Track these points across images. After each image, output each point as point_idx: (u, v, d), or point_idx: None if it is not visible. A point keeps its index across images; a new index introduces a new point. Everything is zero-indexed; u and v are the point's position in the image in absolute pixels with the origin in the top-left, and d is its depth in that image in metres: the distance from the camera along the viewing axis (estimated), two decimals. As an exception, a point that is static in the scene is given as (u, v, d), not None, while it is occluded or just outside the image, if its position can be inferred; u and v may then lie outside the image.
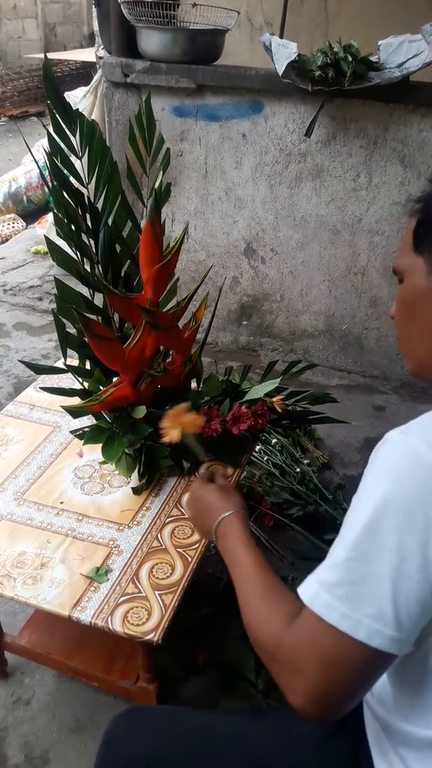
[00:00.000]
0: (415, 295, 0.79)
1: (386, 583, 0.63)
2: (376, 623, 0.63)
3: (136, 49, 2.52)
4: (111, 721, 0.98)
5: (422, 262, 0.77)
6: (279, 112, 2.44)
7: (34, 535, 1.18)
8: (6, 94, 8.32)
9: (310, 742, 0.88)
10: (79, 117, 1.15)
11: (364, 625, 0.64)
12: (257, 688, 1.49)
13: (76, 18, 10.29)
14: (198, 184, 2.71)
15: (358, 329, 2.77)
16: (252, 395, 1.35)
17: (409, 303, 0.81)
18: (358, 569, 0.65)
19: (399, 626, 0.63)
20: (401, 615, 0.63)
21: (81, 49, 9.36)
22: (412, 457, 0.63)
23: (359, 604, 0.64)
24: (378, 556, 0.63)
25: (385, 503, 0.64)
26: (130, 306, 1.16)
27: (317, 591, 0.67)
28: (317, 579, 0.68)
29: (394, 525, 0.63)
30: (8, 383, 2.71)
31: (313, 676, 0.68)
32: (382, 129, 2.34)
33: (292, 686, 0.71)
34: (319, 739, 0.88)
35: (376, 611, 0.63)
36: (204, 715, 1.01)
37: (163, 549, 1.15)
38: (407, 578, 0.62)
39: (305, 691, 0.69)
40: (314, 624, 0.67)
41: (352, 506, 0.68)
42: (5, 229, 4.37)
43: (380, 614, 0.63)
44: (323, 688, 0.68)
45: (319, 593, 0.67)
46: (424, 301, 0.77)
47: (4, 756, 1.38)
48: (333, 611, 0.65)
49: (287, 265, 2.75)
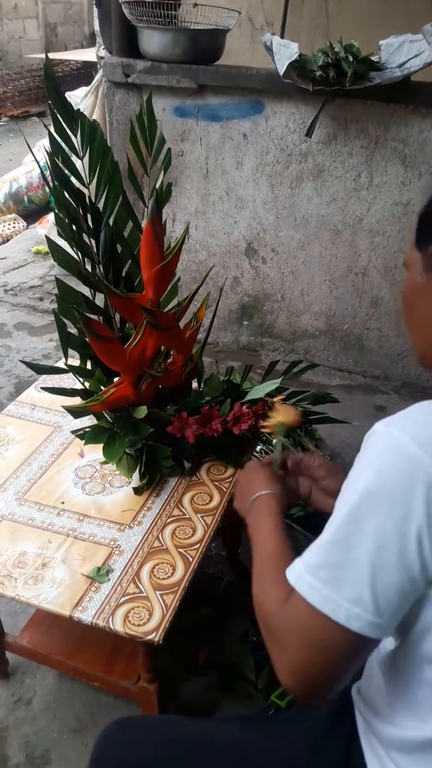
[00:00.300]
0: (412, 289, 0.82)
1: (365, 569, 0.65)
2: (355, 607, 0.65)
3: (137, 49, 2.52)
4: (102, 731, 0.97)
5: (420, 257, 0.80)
6: (280, 112, 2.44)
7: (35, 535, 1.18)
8: (7, 94, 8.32)
9: (304, 746, 0.88)
10: (80, 117, 1.16)
11: (343, 608, 0.65)
12: (257, 687, 1.49)
13: (77, 18, 10.29)
14: (199, 184, 2.71)
15: (359, 329, 2.77)
16: (253, 395, 1.35)
17: (407, 296, 0.84)
18: (339, 553, 0.67)
19: (378, 611, 0.65)
20: (380, 601, 0.65)
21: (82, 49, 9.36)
22: (395, 448, 0.65)
23: (340, 587, 0.66)
24: (359, 541, 0.65)
25: (368, 492, 0.66)
26: (131, 306, 1.16)
27: (302, 572, 0.70)
28: (303, 561, 0.70)
29: (375, 513, 0.65)
30: (9, 383, 2.71)
31: (294, 653, 0.70)
32: (383, 129, 2.34)
33: (279, 662, 0.73)
34: (313, 742, 0.88)
35: (356, 595, 0.65)
36: (196, 723, 1.01)
37: (164, 549, 1.15)
38: (385, 565, 0.64)
39: (289, 668, 0.71)
40: (299, 604, 0.69)
41: (341, 492, 0.70)
42: (6, 229, 4.38)
43: (359, 599, 0.65)
44: (305, 667, 0.70)
45: (304, 575, 0.69)
46: (419, 295, 0.80)
47: (5, 756, 1.38)
48: (316, 593, 0.67)
49: (288, 265, 2.75)
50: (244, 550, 1.76)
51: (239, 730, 0.95)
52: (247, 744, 0.91)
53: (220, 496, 1.27)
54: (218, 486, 1.30)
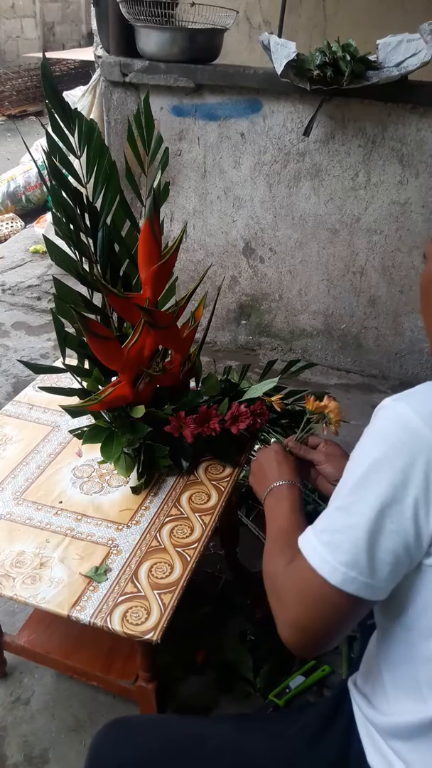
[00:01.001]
0: (430, 280, 0.82)
1: (363, 535, 0.69)
2: (351, 571, 0.69)
3: (135, 49, 2.52)
4: (98, 731, 0.97)
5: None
6: (277, 112, 2.44)
7: (33, 535, 1.18)
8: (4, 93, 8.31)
9: (301, 742, 0.88)
10: (77, 116, 1.15)
11: (339, 571, 0.70)
12: (255, 686, 1.49)
13: (74, 17, 10.28)
14: (197, 183, 2.71)
15: (357, 328, 2.77)
16: (251, 394, 1.35)
17: (424, 287, 0.84)
18: (341, 519, 0.71)
19: (373, 574, 0.69)
20: (376, 564, 0.69)
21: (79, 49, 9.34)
22: (400, 420, 0.68)
23: (338, 551, 0.70)
24: (359, 508, 0.69)
25: (373, 462, 0.69)
26: (129, 305, 1.16)
27: (309, 536, 0.75)
28: (312, 526, 0.76)
29: (377, 481, 0.68)
30: (7, 383, 2.71)
31: (294, 609, 0.76)
32: (381, 128, 2.34)
33: (280, 618, 0.78)
34: (310, 737, 0.88)
35: (352, 559, 0.69)
36: (192, 724, 1.01)
37: (162, 548, 1.15)
38: (383, 531, 0.68)
39: (288, 623, 0.76)
40: (303, 564, 0.74)
41: (348, 464, 0.74)
42: (4, 229, 4.37)
43: (356, 562, 0.69)
44: (303, 622, 0.75)
45: (310, 538, 0.74)
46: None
47: (4, 755, 1.38)
48: (316, 555, 0.72)
49: (286, 264, 2.75)
50: (242, 549, 1.76)
51: (235, 728, 0.95)
52: (243, 742, 0.91)
53: (218, 496, 1.27)
54: (216, 485, 1.30)
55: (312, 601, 0.73)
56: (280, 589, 0.79)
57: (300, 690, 1.47)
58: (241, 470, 1.37)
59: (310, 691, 1.49)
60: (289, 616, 0.76)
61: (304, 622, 0.75)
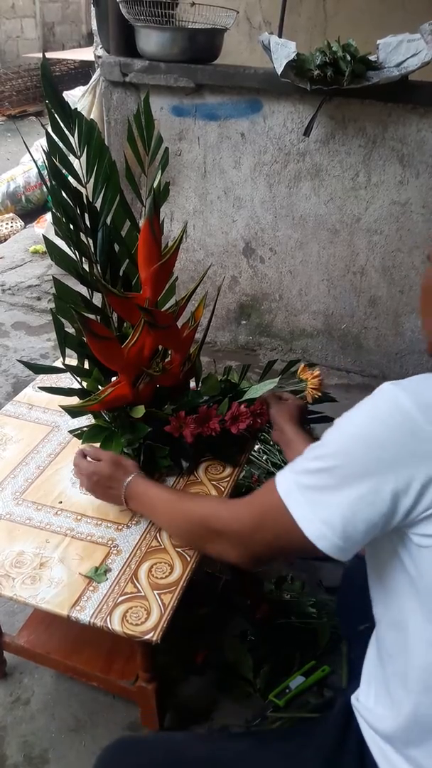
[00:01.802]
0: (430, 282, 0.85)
1: (343, 500, 0.74)
2: (326, 528, 0.75)
3: (135, 49, 2.52)
4: (103, 750, 0.95)
5: None
6: (278, 112, 2.44)
7: (33, 535, 1.18)
8: (4, 93, 8.31)
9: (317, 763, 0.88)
10: (77, 116, 1.15)
11: (315, 526, 0.76)
12: (255, 687, 1.49)
13: (74, 17, 10.28)
14: (197, 183, 2.71)
15: (357, 329, 2.77)
16: (251, 394, 1.35)
17: (425, 288, 0.87)
18: (325, 480, 0.76)
19: (345, 537, 0.75)
20: (348, 528, 0.74)
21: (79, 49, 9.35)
22: (393, 402, 0.72)
23: (318, 508, 0.76)
24: (343, 474, 0.74)
25: (361, 433, 0.74)
26: (129, 305, 1.16)
27: (291, 488, 0.80)
28: (295, 480, 0.80)
29: (363, 453, 0.73)
30: (7, 383, 2.71)
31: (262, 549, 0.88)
32: (381, 128, 2.34)
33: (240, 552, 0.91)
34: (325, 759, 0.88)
35: (329, 518, 0.75)
36: (203, 744, 1.00)
37: (162, 548, 1.15)
38: (361, 500, 0.73)
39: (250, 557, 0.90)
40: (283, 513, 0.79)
41: (334, 425, 0.79)
42: (4, 229, 4.37)
43: (331, 522, 0.75)
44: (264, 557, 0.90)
45: (293, 490, 0.79)
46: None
47: (4, 756, 1.38)
48: (298, 507, 0.78)
49: (286, 264, 2.75)
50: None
51: (250, 749, 0.94)
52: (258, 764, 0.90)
53: (219, 496, 1.27)
54: (216, 485, 1.30)
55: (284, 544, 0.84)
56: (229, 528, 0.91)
57: (300, 690, 1.47)
58: (242, 470, 1.37)
59: (310, 692, 1.49)
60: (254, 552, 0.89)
61: (266, 556, 0.90)
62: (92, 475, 1.17)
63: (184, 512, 1.05)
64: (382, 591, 0.82)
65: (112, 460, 1.17)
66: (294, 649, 1.56)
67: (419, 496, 0.70)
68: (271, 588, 1.73)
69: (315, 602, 1.66)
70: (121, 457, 1.18)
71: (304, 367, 1.32)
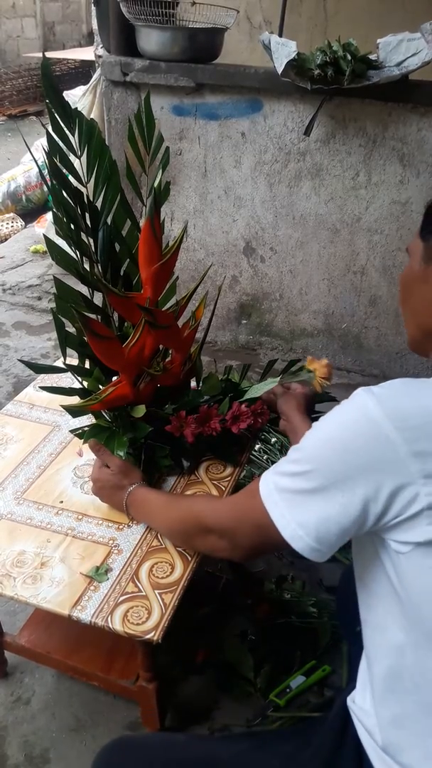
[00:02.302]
0: (411, 276, 0.86)
1: (316, 504, 0.76)
2: (301, 529, 0.77)
3: (135, 48, 2.52)
4: (100, 751, 0.95)
5: (422, 247, 0.83)
6: (278, 111, 2.44)
7: (34, 535, 1.18)
8: (5, 93, 8.31)
9: (316, 765, 0.88)
10: (78, 116, 1.15)
11: (291, 528, 0.78)
12: (256, 686, 1.49)
13: (74, 17, 10.27)
14: (197, 183, 2.70)
15: (358, 328, 2.77)
16: (251, 394, 1.35)
17: (404, 283, 0.88)
18: (300, 483, 0.78)
19: (318, 539, 0.77)
20: (321, 531, 0.76)
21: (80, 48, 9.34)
22: (362, 408, 0.73)
23: (294, 510, 0.78)
24: (314, 477, 0.76)
25: (331, 438, 0.76)
26: (130, 305, 1.16)
27: (271, 489, 0.82)
28: (274, 482, 0.82)
29: (334, 459, 0.75)
30: (8, 382, 2.71)
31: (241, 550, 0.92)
32: (381, 128, 2.34)
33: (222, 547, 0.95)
34: (324, 762, 0.88)
35: (304, 520, 0.77)
36: (202, 744, 1.01)
37: (163, 548, 1.15)
38: (333, 505, 0.74)
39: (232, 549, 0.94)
40: (262, 513, 0.82)
41: (312, 428, 0.81)
42: (4, 228, 4.37)
43: (306, 525, 0.77)
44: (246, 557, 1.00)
45: (272, 492, 0.82)
46: (415, 283, 0.85)
47: (4, 755, 1.38)
48: (275, 508, 0.80)
49: (286, 264, 2.75)
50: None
51: (248, 750, 0.94)
52: (256, 765, 0.90)
53: (219, 495, 1.27)
54: (217, 485, 1.30)
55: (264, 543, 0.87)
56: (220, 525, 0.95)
57: (301, 690, 1.47)
58: (242, 470, 1.37)
59: (310, 691, 1.49)
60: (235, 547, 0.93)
61: (249, 555, 0.96)
62: (98, 480, 1.21)
63: (178, 511, 1.08)
64: (366, 593, 0.83)
65: (121, 469, 1.19)
66: (294, 648, 1.57)
67: (389, 503, 0.70)
68: (271, 587, 1.73)
69: (316, 602, 1.66)
70: (130, 467, 1.20)
71: (312, 359, 1.34)
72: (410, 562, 0.72)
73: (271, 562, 1.82)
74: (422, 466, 0.68)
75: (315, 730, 0.94)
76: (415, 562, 0.72)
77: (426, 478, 0.68)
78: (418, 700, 0.77)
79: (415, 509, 0.69)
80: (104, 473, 1.20)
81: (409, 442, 0.69)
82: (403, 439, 0.69)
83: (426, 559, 0.71)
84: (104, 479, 1.20)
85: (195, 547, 1.09)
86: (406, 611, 0.75)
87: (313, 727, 0.97)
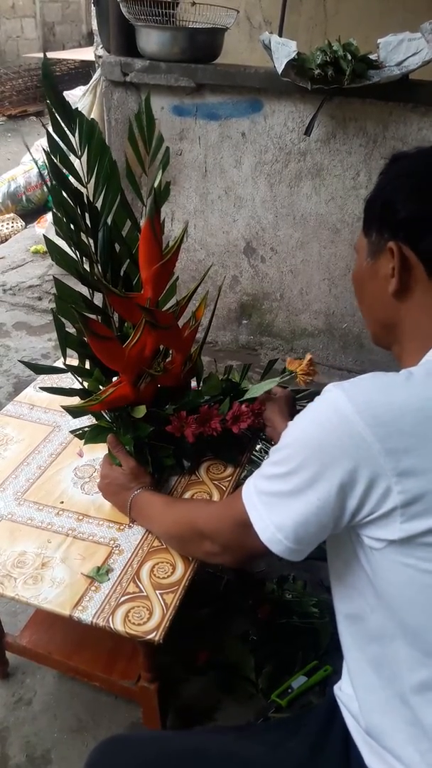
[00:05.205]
0: (360, 275, 0.88)
1: (293, 505, 0.76)
2: (279, 532, 0.78)
3: (136, 48, 2.51)
4: (93, 750, 0.96)
5: (366, 243, 0.85)
6: (278, 111, 2.44)
7: (35, 535, 1.18)
8: (5, 93, 8.31)
9: (303, 751, 0.88)
10: (78, 116, 1.15)
11: (270, 531, 0.79)
12: (257, 687, 1.49)
13: (74, 17, 10.27)
14: (197, 183, 2.70)
15: (358, 328, 2.77)
16: (252, 394, 1.35)
17: (356, 282, 0.90)
18: (277, 485, 0.79)
19: (297, 540, 0.78)
20: (299, 531, 0.77)
21: (80, 48, 9.33)
22: (333, 404, 0.73)
23: (273, 513, 0.79)
24: (291, 479, 0.76)
25: (304, 437, 0.76)
26: (130, 305, 1.16)
27: (251, 492, 0.83)
28: (254, 485, 0.84)
29: (308, 457, 0.74)
30: (8, 383, 2.71)
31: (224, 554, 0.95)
32: (382, 127, 2.34)
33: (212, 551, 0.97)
34: (311, 746, 0.89)
35: (281, 523, 0.78)
36: (190, 737, 1.01)
37: (164, 548, 1.15)
38: (309, 502, 0.74)
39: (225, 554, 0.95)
40: (243, 517, 0.83)
41: (287, 428, 0.80)
42: (4, 229, 4.37)
43: (284, 527, 0.78)
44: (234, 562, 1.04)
45: (252, 495, 0.83)
46: (366, 280, 0.87)
47: (6, 756, 1.38)
48: (254, 511, 0.81)
49: (287, 264, 2.75)
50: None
51: (236, 740, 0.94)
52: (246, 754, 0.90)
53: (220, 496, 1.27)
54: (217, 485, 1.30)
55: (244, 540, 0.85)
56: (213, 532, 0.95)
57: (302, 690, 1.47)
58: (243, 470, 1.37)
59: (312, 691, 1.49)
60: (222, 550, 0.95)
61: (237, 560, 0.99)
62: (107, 477, 1.22)
63: (174, 516, 1.09)
64: (342, 584, 0.83)
65: (132, 470, 1.20)
66: (296, 649, 1.56)
67: (363, 498, 0.71)
68: (272, 588, 1.72)
69: (317, 602, 1.66)
70: (143, 470, 1.21)
71: (291, 359, 1.36)
72: (384, 557, 0.73)
73: (272, 563, 1.82)
74: (395, 464, 0.68)
75: (303, 720, 0.95)
76: (388, 557, 0.73)
77: (398, 476, 0.68)
78: (395, 688, 0.77)
79: (389, 506, 0.70)
80: (116, 471, 1.21)
81: (381, 440, 0.69)
82: (374, 435, 0.69)
83: (398, 555, 0.72)
84: (113, 477, 1.21)
85: (190, 553, 1.10)
86: (381, 603, 0.76)
87: (301, 717, 0.98)
